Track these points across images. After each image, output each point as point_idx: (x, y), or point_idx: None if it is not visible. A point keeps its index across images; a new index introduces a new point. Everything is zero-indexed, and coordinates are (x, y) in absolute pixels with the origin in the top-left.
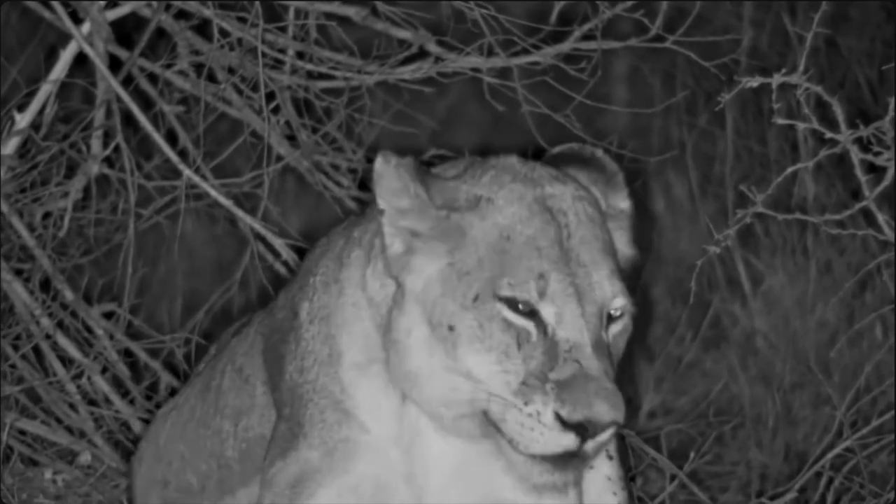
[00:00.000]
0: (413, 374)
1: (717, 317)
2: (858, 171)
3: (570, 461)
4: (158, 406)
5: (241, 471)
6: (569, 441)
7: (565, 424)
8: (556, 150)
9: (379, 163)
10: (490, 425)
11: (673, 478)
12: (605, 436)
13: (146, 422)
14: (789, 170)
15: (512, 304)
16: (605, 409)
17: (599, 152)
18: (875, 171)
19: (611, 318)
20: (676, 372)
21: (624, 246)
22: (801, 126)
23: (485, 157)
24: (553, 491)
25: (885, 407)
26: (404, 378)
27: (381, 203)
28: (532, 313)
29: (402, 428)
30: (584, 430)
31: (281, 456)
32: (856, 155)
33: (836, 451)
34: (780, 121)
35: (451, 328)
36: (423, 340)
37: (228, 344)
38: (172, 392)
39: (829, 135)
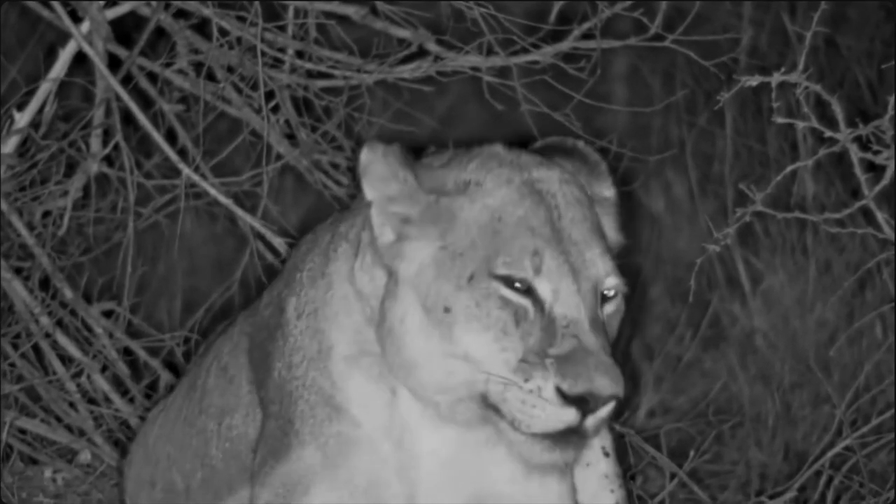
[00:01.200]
0: (409, 361)
1: (717, 316)
2: (858, 170)
3: (571, 439)
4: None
5: (225, 470)
6: (570, 416)
7: (566, 399)
8: (538, 143)
9: (365, 153)
10: (488, 409)
11: (672, 476)
12: (605, 411)
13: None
14: (789, 168)
15: (508, 281)
16: (606, 382)
17: (580, 143)
18: (874, 169)
19: (604, 298)
20: (676, 371)
21: (612, 231)
22: (800, 125)
23: (468, 148)
24: (554, 470)
25: (884, 406)
26: (400, 367)
27: (369, 192)
28: (528, 291)
29: (393, 421)
30: (585, 403)
31: (272, 454)
32: (855, 154)
33: (836, 449)
34: (780, 120)
35: (446, 310)
36: (418, 326)
37: (214, 345)
38: (171, 391)
39: (828, 133)
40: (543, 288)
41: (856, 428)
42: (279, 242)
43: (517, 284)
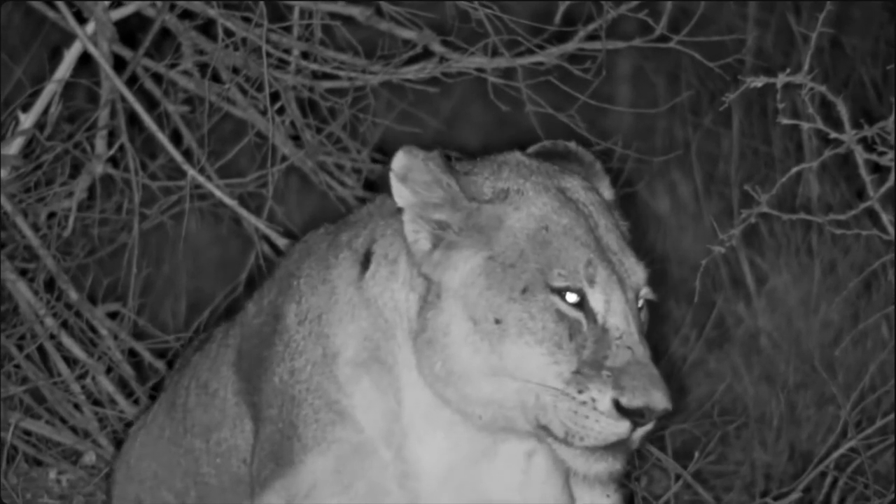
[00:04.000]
0: (454, 373)
1: (722, 316)
2: (863, 171)
3: (620, 448)
4: None
5: (219, 485)
6: (624, 428)
7: (622, 411)
8: (531, 149)
9: (405, 158)
10: (540, 430)
11: (678, 477)
12: (652, 424)
13: None
14: (794, 170)
15: (563, 294)
16: (661, 396)
17: (573, 145)
18: (879, 171)
19: (639, 310)
20: (681, 371)
21: None
22: (805, 126)
23: (486, 156)
24: (610, 480)
25: (889, 407)
26: (442, 379)
27: (407, 198)
28: (579, 304)
29: (394, 430)
30: (640, 416)
31: (273, 458)
32: (860, 155)
33: (841, 450)
34: (785, 121)
35: (497, 321)
36: (465, 337)
37: (191, 360)
38: (149, 407)
39: (833, 135)
40: (596, 299)
41: (861, 429)
42: (284, 243)
43: (570, 297)
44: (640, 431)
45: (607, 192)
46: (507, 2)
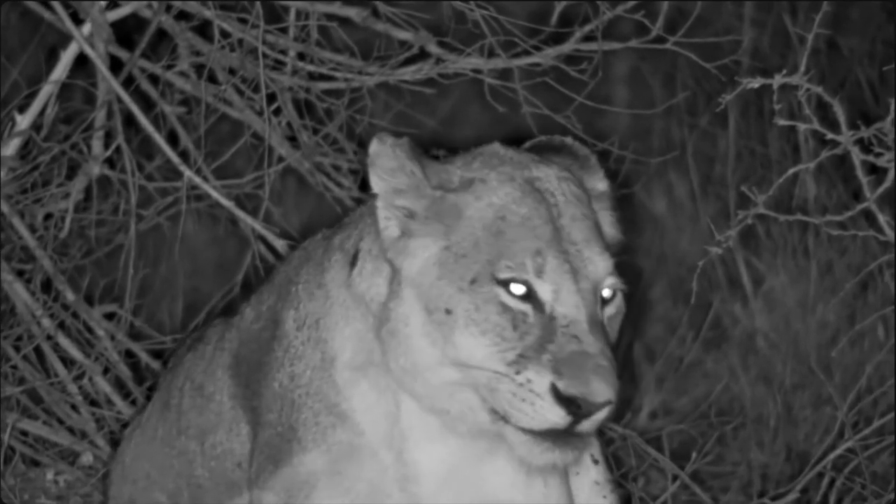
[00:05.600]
0: (415, 366)
1: (719, 317)
2: (860, 173)
3: (570, 440)
4: None
5: (214, 488)
6: (558, 416)
7: (559, 398)
8: (527, 144)
9: (375, 144)
10: (496, 417)
11: (675, 478)
12: (602, 414)
13: None
14: (790, 171)
15: (508, 285)
16: (602, 387)
17: (569, 140)
18: (876, 172)
19: (604, 301)
20: (678, 372)
21: (609, 227)
22: (802, 127)
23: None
24: (554, 472)
25: (886, 408)
26: (405, 372)
27: (376, 184)
28: (528, 296)
29: (394, 432)
30: (576, 407)
31: (272, 460)
32: (857, 156)
33: (838, 451)
34: (782, 122)
35: (448, 311)
36: (422, 328)
37: (184, 360)
38: (144, 408)
39: (830, 136)
40: (544, 289)
41: (858, 430)
42: (281, 244)
43: (518, 288)
44: (587, 423)
45: (600, 185)
46: (504, 3)
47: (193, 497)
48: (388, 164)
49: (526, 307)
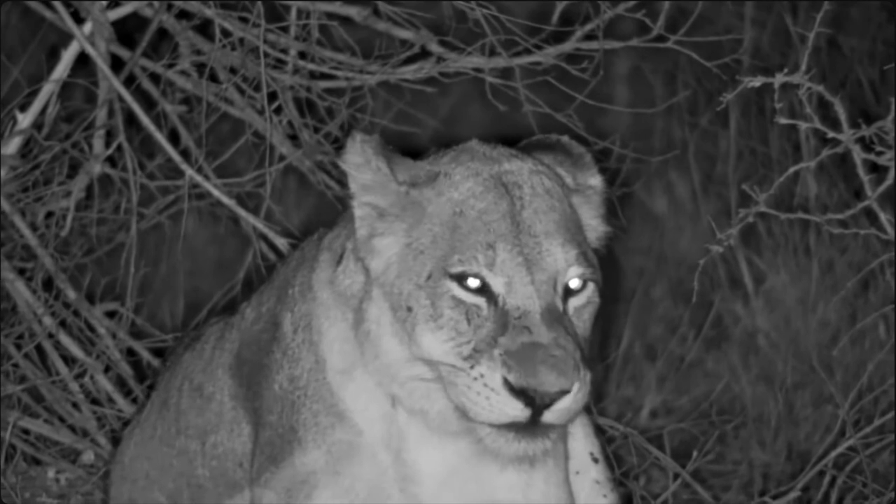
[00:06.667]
0: (388, 367)
1: (720, 316)
2: (861, 171)
3: (537, 430)
4: None
5: (214, 487)
6: (516, 409)
7: (513, 391)
8: (523, 142)
9: (347, 142)
10: (457, 410)
11: (676, 477)
12: (563, 403)
13: None
14: (791, 169)
15: (462, 279)
16: (552, 377)
17: (564, 138)
18: (877, 170)
19: (570, 292)
20: (679, 371)
21: (593, 221)
22: (803, 126)
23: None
24: (524, 462)
25: (887, 406)
26: (381, 373)
27: (350, 183)
28: (482, 290)
29: (391, 432)
30: (531, 398)
31: (272, 461)
32: (858, 155)
33: (839, 450)
34: (783, 120)
35: (409, 309)
36: (390, 327)
37: (182, 359)
38: (143, 407)
39: (831, 134)
40: (496, 282)
41: (859, 428)
42: (282, 243)
43: (471, 282)
44: (550, 414)
45: (592, 180)
46: (505, 2)
47: (194, 496)
48: (355, 160)
49: (479, 300)
